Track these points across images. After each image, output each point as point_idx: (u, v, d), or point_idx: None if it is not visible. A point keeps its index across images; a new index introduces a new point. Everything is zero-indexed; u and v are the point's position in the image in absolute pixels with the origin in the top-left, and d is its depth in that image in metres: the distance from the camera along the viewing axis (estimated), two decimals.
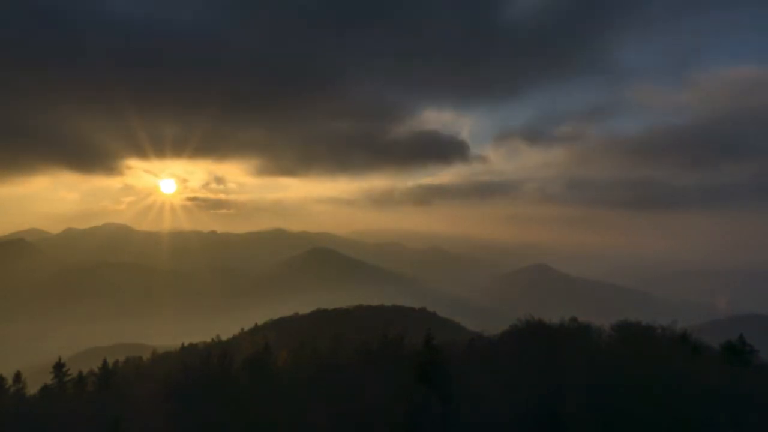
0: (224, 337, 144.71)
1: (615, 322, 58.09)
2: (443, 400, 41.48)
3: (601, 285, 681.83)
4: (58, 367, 68.15)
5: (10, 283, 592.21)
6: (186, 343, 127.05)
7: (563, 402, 39.73)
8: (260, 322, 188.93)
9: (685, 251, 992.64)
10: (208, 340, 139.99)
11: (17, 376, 68.65)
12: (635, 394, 38.55)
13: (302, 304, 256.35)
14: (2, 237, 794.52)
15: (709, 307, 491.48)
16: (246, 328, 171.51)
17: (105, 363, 70.66)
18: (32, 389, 68.79)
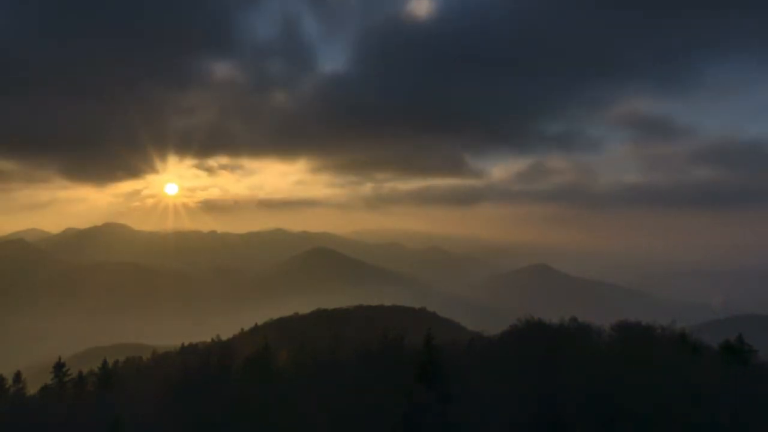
0: (224, 337, 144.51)
1: (615, 322, 58.07)
2: (443, 400, 41.45)
3: (601, 285, 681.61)
4: (58, 367, 68.10)
5: (9, 282, 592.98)
6: (186, 343, 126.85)
7: (563, 402, 39.76)
8: (260, 322, 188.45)
9: (684, 251, 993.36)
10: (208, 340, 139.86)
11: (17, 376, 68.65)
12: (635, 394, 38.59)
13: (302, 304, 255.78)
14: (2, 237, 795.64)
15: (709, 307, 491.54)
16: (246, 328, 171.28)
17: (105, 363, 70.67)
18: (32, 389, 68.86)
